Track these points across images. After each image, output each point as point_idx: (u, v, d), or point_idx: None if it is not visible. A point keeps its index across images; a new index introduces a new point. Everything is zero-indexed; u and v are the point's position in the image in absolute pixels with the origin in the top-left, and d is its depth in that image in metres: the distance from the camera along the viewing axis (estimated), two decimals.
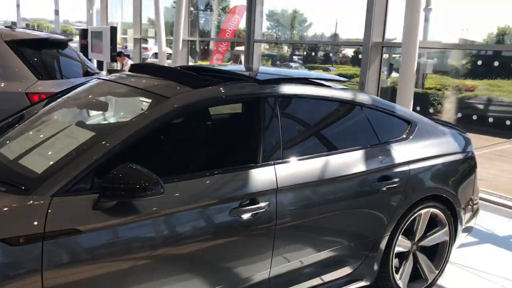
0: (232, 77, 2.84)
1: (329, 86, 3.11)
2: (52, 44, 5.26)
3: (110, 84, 2.97)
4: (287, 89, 2.82)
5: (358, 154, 2.93)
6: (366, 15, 6.90)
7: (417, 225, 3.23)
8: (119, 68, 9.87)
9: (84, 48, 16.07)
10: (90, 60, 15.31)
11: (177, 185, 2.29)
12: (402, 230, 3.11)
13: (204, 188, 2.37)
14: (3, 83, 4.57)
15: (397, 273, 3.19)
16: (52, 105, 2.96)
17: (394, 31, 7.70)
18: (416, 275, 3.33)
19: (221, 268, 2.43)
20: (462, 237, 3.62)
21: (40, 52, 4.99)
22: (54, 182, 2.04)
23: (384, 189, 2.95)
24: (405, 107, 6.03)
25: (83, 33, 16.01)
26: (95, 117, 2.80)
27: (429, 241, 3.34)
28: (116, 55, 10.85)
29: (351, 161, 2.88)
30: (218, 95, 2.59)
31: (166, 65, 7.95)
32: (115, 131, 2.26)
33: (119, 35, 18.12)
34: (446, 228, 3.36)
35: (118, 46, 19.32)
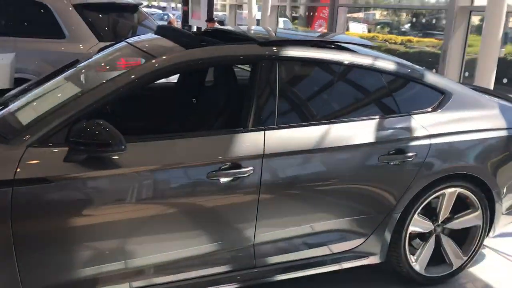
0: (237, 38, 2.77)
1: (346, 50, 2.89)
2: (119, 8, 5.51)
3: (126, 46, 3.04)
4: (291, 52, 2.68)
5: (367, 125, 2.71)
6: None
7: (440, 205, 2.94)
8: None
9: (185, 15, 16.72)
10: (189, 26, 15.86)
11: (154, 144, 2.32)
12: (419, 209, 2.85)
13: (182, 150, 2.36)
14: (69, 44, 4.93)
15: (413, 255, 2.96)
16: (74, 66, 3.11)
17: None
18: (442, 259, 3.07)
19: (199, 229, 2.43)
20: (505, 222, 3.24)
21: (105, 15, 5.27)
22: (31, 133, 2.16)
23: (396, 163, 2.71)
24: (486, 76, 5.50)
25: (185, 0, 16.60)
26: (95, 77, 2.89)
27: (457, 224, 3.03)
28: (206, 20, 11.10)
29: (357, 132, 2.68)
30: (208, 56, 2.55)
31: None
32: (95, 89, 2.32)
33: (220, 1, 18.46)
34: (479, 212, 3.02)
35: (220, 13, 19.72)
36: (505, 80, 6.94)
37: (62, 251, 2.20)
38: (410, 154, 2.74)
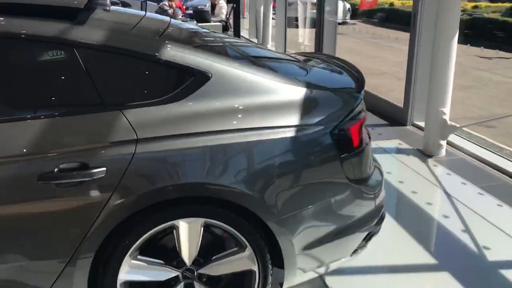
0: None
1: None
2: None
3: None
4: None
5: (26, 127, 1.82)
6: None
7: (177, 242, 1.98)
8: (170, 12, 9.07)
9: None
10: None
11: None
12: (131, 250, 1.91)
13: None
14: None
15: None
16: None
17: None
18: None
19: None
20: (318, 264, 2.19)
21: None
22: None
23: (69, 184, 1.79)
24: (449, 36, 4.19)
25: None
26: None
27: (218, 268, 2.05)
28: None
29: (3, 139, 1.80)
30: None
31: None
32: None
33: None
34: (249, 252, 2.02)
35: None
36: None
37: None
38: (95, 170, 1.80)
